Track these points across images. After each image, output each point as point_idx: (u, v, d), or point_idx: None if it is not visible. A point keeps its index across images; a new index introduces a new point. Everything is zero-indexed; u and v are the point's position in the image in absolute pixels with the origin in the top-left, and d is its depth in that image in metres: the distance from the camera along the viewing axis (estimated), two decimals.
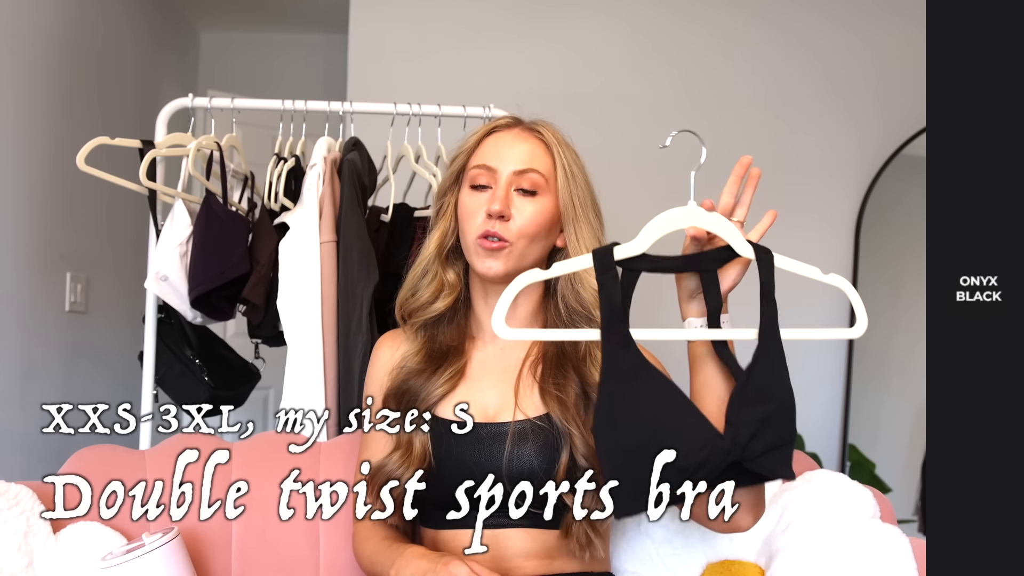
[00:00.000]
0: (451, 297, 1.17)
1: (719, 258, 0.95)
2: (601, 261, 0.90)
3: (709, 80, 2.91)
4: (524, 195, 1.12)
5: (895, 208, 2.81)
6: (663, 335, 0.91)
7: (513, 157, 1.13)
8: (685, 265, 0.95)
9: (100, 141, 1.68)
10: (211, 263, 1.63)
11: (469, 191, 1.14)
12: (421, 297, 1.18)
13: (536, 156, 1.14)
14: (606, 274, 0.90)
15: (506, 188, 1.11)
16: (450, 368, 1.14)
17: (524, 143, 1.14)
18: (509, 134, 1.16)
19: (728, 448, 0.88)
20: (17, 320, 2.24)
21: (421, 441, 1.10)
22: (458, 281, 1.18)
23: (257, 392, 2.02)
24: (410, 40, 2.92)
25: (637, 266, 0.91)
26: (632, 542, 1.23)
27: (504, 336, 0.89)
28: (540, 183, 1.13)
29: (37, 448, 2.26)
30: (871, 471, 2.68)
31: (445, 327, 1.19)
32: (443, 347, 1.17)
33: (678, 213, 0.94)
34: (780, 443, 0.90)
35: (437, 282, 1.17)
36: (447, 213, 1.18)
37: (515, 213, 1.11)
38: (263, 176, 1.81)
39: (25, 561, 1.10)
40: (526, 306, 1.17)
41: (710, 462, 0.87)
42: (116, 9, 2.88)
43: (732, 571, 1.20)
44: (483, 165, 1.13)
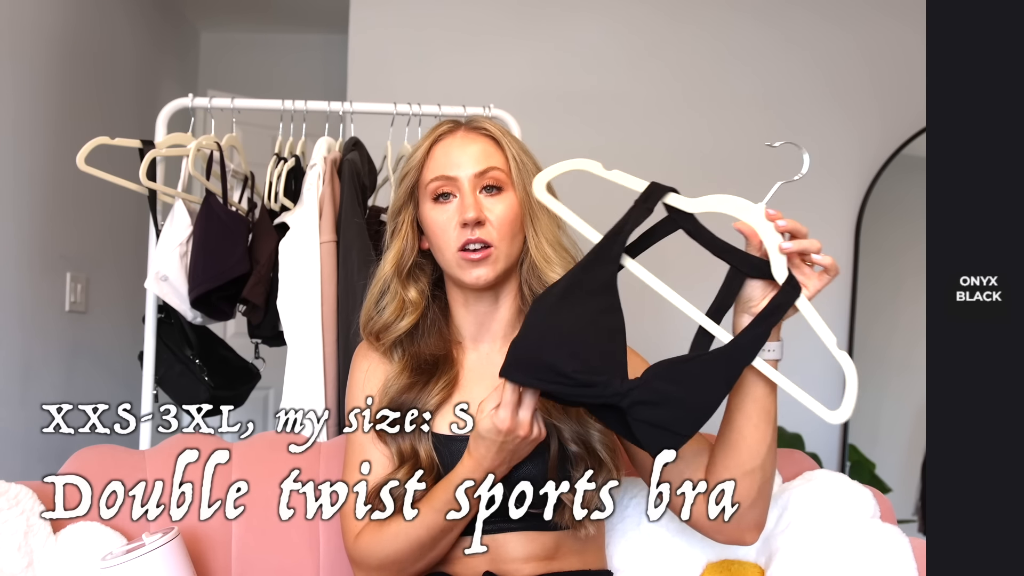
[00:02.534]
0: (415, 314, 1.15)
1: (756, 267, 0.94)
2: (649, 192, 0.94)
3: (708, 81, 2.91)
4: (490, 194, 1.10)
5: (895, 208, 2.81)
6: (655, 283, 0.93)
7: (468, 160, 1.11)
8: (721, 251, 0.95)
9: (100, 141, 1.68)
10: (211, 263, 1.63)
11: (432, 205, 1.12)
12: (383, 316, 1.15)
13: (489, 153, 1.12)
14: (645, 203, 0.94)
15: (472, 193, 1.09)
16: (443, 378, 1.12)
17: (474, 143, 1.12)
18: (456, 138, 1.14)
19: (619, 391, 0.87)
20: (17, 320, 2.24)
21: (425, 450, 1.08)
22: (420, 298, 1.16)
23: (257, 392, 2.02)
24: (410, 40, 2.92)
25: (681, 221, 0.94)
26: (632, 542, 1.23)
27: (541, 197, 0.98)
28: (502, 179, 1.11)
29: (37, 448, 2.26)
30: (871, 471, 2.68)
31: (425, 338, 1.16)
32: (430, 357, 1.14)
33: (743, 204, 0.94)
34: (670, 428, 0.88)
35: (398, 301, 1.15)
36: (402, 232, 1.15)
37: (488, 215, 1.09)
38: (263, 176, 1.81)
39: (25, 561, 1.10)
40: (508, 307, 1.16)
41: (598, 388, 0.87)
42: (116, 9, 2.88)
43: (732, 571, 1.20)
44: (441, 176, 1.11)
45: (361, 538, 1.09)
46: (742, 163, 2.80)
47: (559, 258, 1.12)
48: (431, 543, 1.04)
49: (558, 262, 1.11)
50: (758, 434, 0.99)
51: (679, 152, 2.80)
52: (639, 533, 1.24)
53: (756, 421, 0.99)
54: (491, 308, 1.15)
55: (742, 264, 0.95)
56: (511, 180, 1.12)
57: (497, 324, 1.16)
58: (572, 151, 1.29)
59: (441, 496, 1.02)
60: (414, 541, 1.04)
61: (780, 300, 0.92)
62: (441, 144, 1.14)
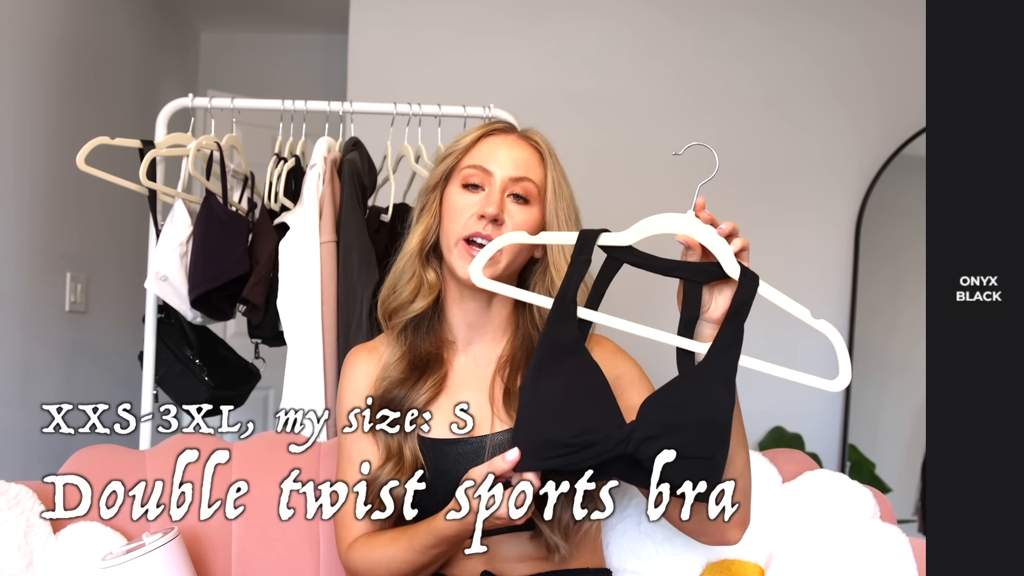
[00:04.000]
0: (431, 296, 1.15)
1: (707, 272, 0.94)
2: (582, 242, 0.96)
3: (709, 81, 2.91)
4: (517, 202, 1.11)
5: (895, 207, 2.81)
6: (616, 323, 0.95)
7: (509, 162, 1.11)
8: (670, 269, 0.95)
9: (100, 141, 1.68)
10: (211, 263, 1.63)
11: (460, 189, 1.12)
12: (401, 295, 1.15)
13: (531, 165, 1.13)
14: (581, 255, 0.96)
15: (500, 192, 1.10)
16: (432, 377, 1.12)
17: (520, 150, 1.13)
18: (506, 139, 1.15)
19: (620, 438, 0.88)
20: (17, 320, 2.24)
21: (411, 449, 1.09)
22: (437, 281, 1.16)
23: (257, 392, 2.02)
24: (410, 40, 2.92)
25: (622, 256, 0.96)
26: (632, 542, 1.23)
27: (479, 283, 1.00)
28: (533, 192, 1.11)
29: (37, 448, 2.26)
30: (871, 471, 2.68)
31: (424, 335, 1.16)
32: (424, 355, 1.15)
33: (674, 218, 0.94)
34: (685, 455, 0.88)
35: (416, 279, 1.15)
36: (431, 209, 1.16)
37: (507, 219, 1.09)
38: (263, 176, 1.81)
39: (25, 561, 1.10)
40: (500, 313, 1.15)
41: (600, 445, 0.88)
42: (116, 9, 2.88)
43: (732, 571, 1.20)
44: (478, 166, 1.12)
45: (352, 550, 1.11)
46: (745, 162, 2.81)
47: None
48: (412, 574, 1.06)
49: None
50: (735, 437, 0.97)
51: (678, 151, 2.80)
52: (639, 533, 1.24)
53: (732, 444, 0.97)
54: (483, 308, 1.15)
55: (695, 274, 0.95)
56: (542, 197, 1.12)
57: (488, 326, 1.15)
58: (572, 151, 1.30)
59: (422, 539, 1.03)
60: (395, 571, 1.06)
61: (743, 295, 0.92)
62: (490, 139, 1.15)
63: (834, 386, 0.91)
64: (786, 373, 0.92)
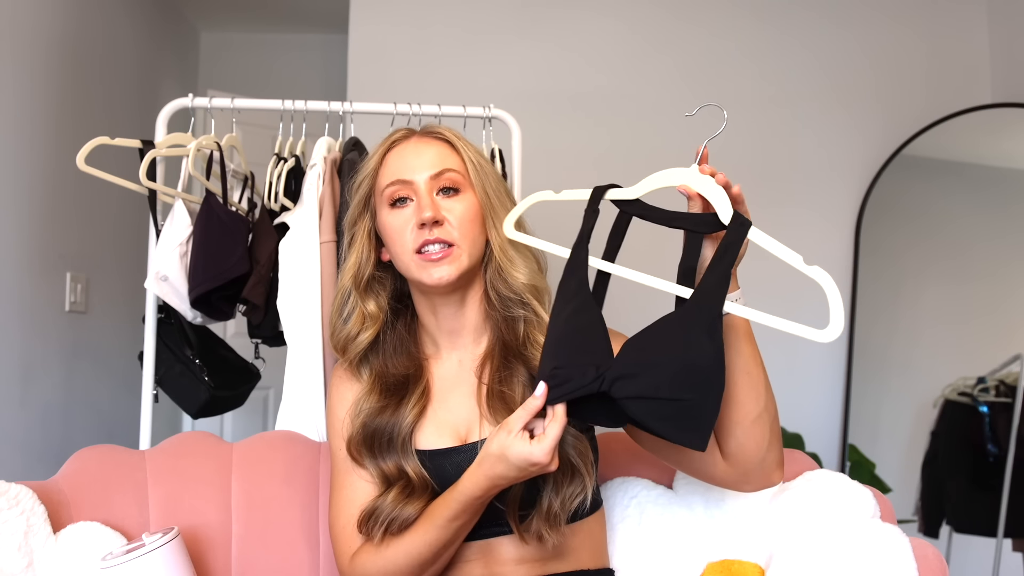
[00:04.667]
0: (374, 328, 1.14)
1: (707, 222, 0.96)
2: (592, 197, 1.02)
3: (710, 80, 2.91)
4: (448, 195, 1.10)
5: (895, 207, 2.81)
6: (625, 272, 0.97)
7: (423, 163, 1.11)
8: (672, 220, 0.98)
9: (100, 141, 1.67)
10: (211, 263, 1.63)
11: (389, 210, 1.11)
12: (349, 329, 1.14)
13: (444, 156, 1.12)
14: (590, 207, 1.01)
15: (428, 194, 1.09)
16: (414, 394, 1.11)
17: (428, 147, 1.13)
18: (410, 144, 1.14)
19: (595, 376, 0.90)
20: (17, 320, 2.24)
21: (414, 469, 1.07)
22: (379, 312, 1.15)
23: (257, 392, 2.02)
24: (410, 40, 2.92)
25: (629, 209, 1.01)
26: (632, 542, 1.23)
27: (510, 235, 1.07)
28: (459, 180, 1.11)
29: (37, 448, 2.27)
30: (871, 471, 2.68)
31: (392, 357, 1.15)
32: (399, 376, 1.13)
33: (676, 171, 0.98)
34: (656, 396, 0.87)
35: (358, 314, 1.14)
36: (358, 243, 1.15)
37: (447, 215, 1.09)
38: (263, 176, 1.81)
39: (25, 561, 1.10)
40: (475, 309, 1.15)
41: (576, 380, 0.90)
42: (116, 9, 2.88)
43: (732, 571, 1.20)
44: (397, 180, 1.11)
45: (358, 558, 1.08)
46: (745, 162, 2.80)
47: (522, 258, 1.12)
48: (432, 558, 1.04)
49: (521, 262, 1.11)
50: (752, 380, 0.99)
51: (684, 151, 2.79)
52: (639, 533, 1.24)
53: (747, 368, 0.99)
54: (458, 311, 1.14)
55: (696, 225, 0.97)
56: (469, 181, 1.12)
57: (466, 328, 1.15)
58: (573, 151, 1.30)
59: (443, 512, 1.01)
60: (415, 559, 1.04)
61: (731, 238, 0.92)
62: (395, 150, 1.14)
63: (824, 336, 0.87)
64: (773, 321, 0.89)
